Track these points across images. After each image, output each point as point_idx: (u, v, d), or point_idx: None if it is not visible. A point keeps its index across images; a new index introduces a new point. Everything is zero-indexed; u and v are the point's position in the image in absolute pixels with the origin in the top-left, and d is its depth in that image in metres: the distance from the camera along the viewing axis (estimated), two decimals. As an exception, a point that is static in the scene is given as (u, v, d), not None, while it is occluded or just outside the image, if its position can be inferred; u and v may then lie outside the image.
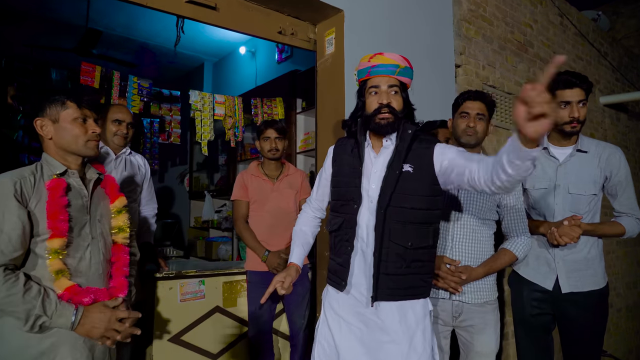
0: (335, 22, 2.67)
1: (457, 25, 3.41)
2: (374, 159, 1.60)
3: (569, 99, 1.90)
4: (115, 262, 1.59)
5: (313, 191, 1.85)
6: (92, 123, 1.54)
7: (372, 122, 1.54)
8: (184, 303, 2.43)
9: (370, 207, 1.55)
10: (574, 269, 1.98)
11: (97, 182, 1.61)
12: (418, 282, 1.55)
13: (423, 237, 1.54)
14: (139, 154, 2.50)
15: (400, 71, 1.56)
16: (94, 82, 3.03)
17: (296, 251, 1.77)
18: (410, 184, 1.52)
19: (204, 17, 2.34)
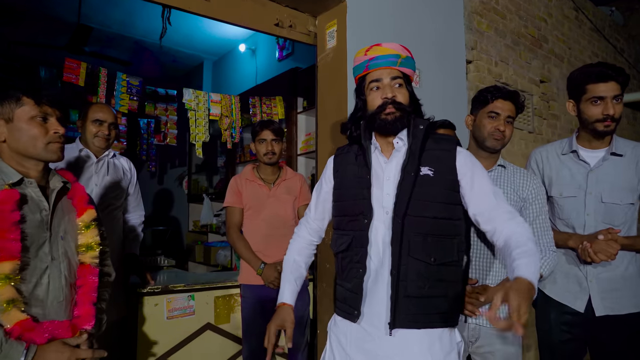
0: (337, 14, 2.45)
1: (468, 18, 3.19)
2: (385, 164, 1.39)
3: (603, 93, 1.67)
4: (81, 287, 1.35)
5: (310, 209, 1.60)
6: (54, 122, 1.32)
7: (377, 119, 1.34)
8: (172, 320, 2.22)
9: (386, 219, 1.33)
10: (609, 289, 1.74)
11: (63, 192, 1.39)
12: (444, 306, 1.32)
13: (447, 251, 1.32)
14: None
15: (402, 61, 1.36)
16: (79, 79, 2.83)
17: (288, 288, 1.51)
18: (429, 190, 1.32)
19: (193, 7, 2.13)
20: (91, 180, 2.17)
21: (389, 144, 1.39)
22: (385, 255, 1.32)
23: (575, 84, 1.79)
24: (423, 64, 2.79)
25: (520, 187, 1.71)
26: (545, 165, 1.91)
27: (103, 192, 2.19)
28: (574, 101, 1.80)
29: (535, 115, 3.75)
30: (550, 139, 3.88)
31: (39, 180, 1.32)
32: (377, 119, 1.34)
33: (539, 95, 3.81)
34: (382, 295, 1.31)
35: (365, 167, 1.39)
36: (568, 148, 1.85)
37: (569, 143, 1.86)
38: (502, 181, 1.73)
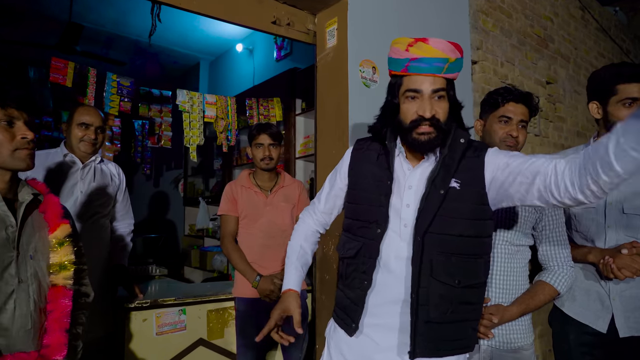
0: (337, 11, 2.33)
1: (474, 17, 3.07)
2: (409, 172, 1.25)
3: (636, 94, 1.54)
4: (52, 312, 1.20)
5: (320, 199, 1.46)
6: (22, 126, 1.18)
7: (409, 137, 1.18)
8: (162, 336, 2.09)
9: (404, 232, 1.21)
10: (633, 308, 1.61)
11: (34, 206, 1.25)
12: (467, 331, 1.21)
13: (473, 273, 1.20)
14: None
15: (449, 67, 1.15)
16: (66, 79, 2.69)
17: (294, 275, 1.39)
18: (456, 205, 1.18)
19: (184, 3, 2.01)
20: (76, 187, 2.05)
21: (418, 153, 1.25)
22: (399, 273, 1.20)
23: (602, 84, 1.65)
24: (427, 65, 2.68)
25: None
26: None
27: (89, 200, 2.06)
28: (598, 102, 1.67)
29: (542, 118, 3.62)
30: (557, 143, 3.76)
31: (5, 193, 1.18)
32: (409, 136, 1.18)
33: (545, 96, 3.69)
34: (395, 318, 1.21)
35: (387, 171, 1.25)
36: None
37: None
38: None
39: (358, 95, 2.26)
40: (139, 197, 6.62)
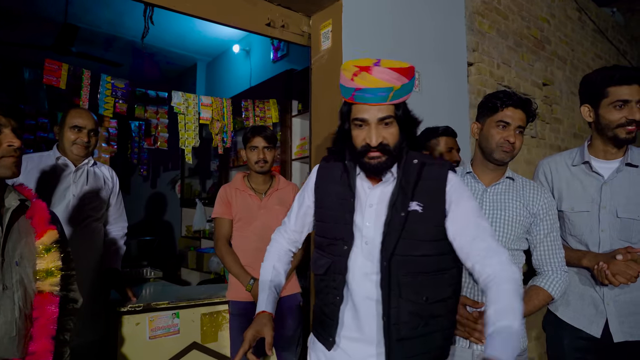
0: (332, 13, 2.32)
1: (470, 19, 3.06)
2: (369, 190, 1.29)
3: (627, 97, 1.54)
4: (37, 319, 1.18)
5: (290, 218, 1.48)
6: (9, 133, 1.15)
7: (360, 161, 1.24)
8: (155, 340, 2.08)
9: (365, 249, 1.25)
10: (628, 313, 1.60)
11: (21, 211, 1.23)
12: (440, 341, 1.25)
13: (440, 288, 1.24)
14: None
15: (394, 94, 1.17)
16: (60, 81, 2.68)
17: (268, 297, 1.39)
18: (419, 227, 1.22)
19: (177, 5, 2.00)
20: (69, 191, 2.03)
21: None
22: (368, 290, 1.24)
23: (594, 87, 1.65)
24: (423, 66, 2.66)
25: (530, 201, 1.58)
26: (554, 177, 1.77)
27: (81, 203, 2.05)
28: (590, 106, 1.67)
29: (538, 120, 3.62)
30: (553, 144, 3.76)
31: None
32: (360, 161, 1.24)
33: (542, 98, 3.68)
34: (370, 332, 1.24)
35: (349, 189, 1.29)
36: (579, 159, 1.72)
37: (580, 154, 1.73)
38: (510, 195, 1.60)
39: (353, 98, 2.26)
40: (136, 198, 6.62)
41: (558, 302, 1.72)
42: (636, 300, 1.61)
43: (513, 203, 1.57)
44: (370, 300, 1.23)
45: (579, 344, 1.66)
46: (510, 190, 1.60)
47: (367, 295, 1.24)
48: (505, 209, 1.57)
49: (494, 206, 1.59)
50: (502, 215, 1.57)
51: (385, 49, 2.45)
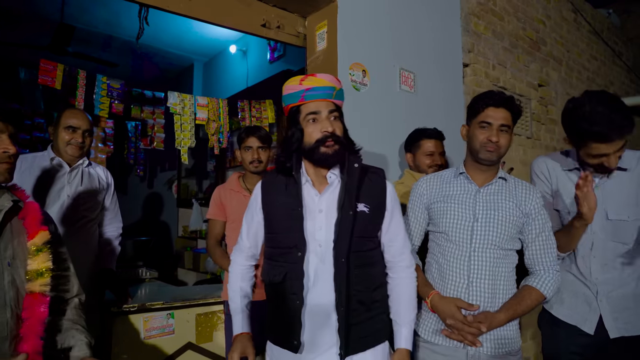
0: (327, 14, 2.33)
1: (465, 20, 3.07)
2: (317, 197, 1.41)
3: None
4: (27, 319, 1.17)
5: (243, 237, 1.57)
6: (6, 139, 1.16)
7: (317, 153, 1.35)
8: (150, 340, 2.08)
9: (319, 252, 1.38)
10: (622, 308, 1.62)
11: (14, 212, 1.23)
12: (380, 323, 1.45)
13: (378, 276, 1.47)
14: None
15: (336, 94, 1.38)
16: (55, 82, 2.68)
17: (243, 318, 1.51)
18: (366, 225, 1.41)
19: (172, 6, 2.01)
20: (63, 191, 2.03)
21: (322, 178, 1.41)
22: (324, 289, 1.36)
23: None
24: (418, 67, 2.68)
25: (522, 201, 1.59)
26: (552, 176, 1.78)
27: (76, 204, 2.05)
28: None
29: (534, 120, 3.64)
30: (549, 145, 3.77)
31: None
32: (317, 152, 1.35)
33: (537, 99, 3.70)
34: (329, 326, 1.36)
35: (297, 199, 1.39)
36: (572, 164, 1.73)
37: (572, 159, 1.73)
38: (503, 195, 1.61)
39: (348, 98, 2.24)
40: (133, 199, 6.61)
41: (552, 301, 1.73)
42: (628, 295, 1.63)
43: (506, 203, 1.58)
44: (326, 296, 1.35)
45: (575, 341, 1.67)
46: (503, 190, 1.61)
47: (323, 292, 1.36)
48: (498, 209, 1.58)
49: (487, 206, 1.60)
50: (496, 215, 1.58)
51: (380, 50, 2.46)
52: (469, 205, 1.61)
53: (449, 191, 1.67)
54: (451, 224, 1.62)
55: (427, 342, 1.64)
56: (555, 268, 1.58)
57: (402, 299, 1.47)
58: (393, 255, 1.49)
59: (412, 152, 2.25)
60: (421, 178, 1.78)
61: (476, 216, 1.59)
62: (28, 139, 4.39)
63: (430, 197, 1.69)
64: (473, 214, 1.60)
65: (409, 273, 1.50)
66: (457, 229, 1.60)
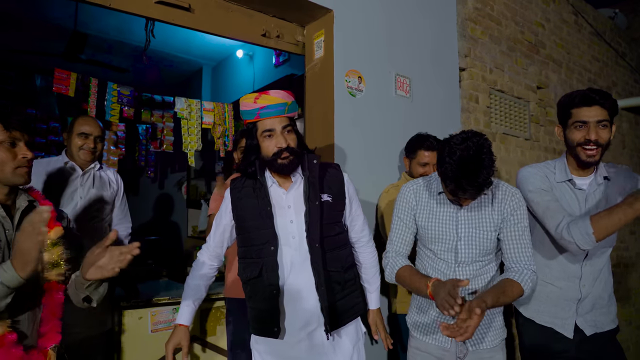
0: (324, 24, 2.44)
1: (462, 26, 3.16)
2: (284, 195, 1.58)
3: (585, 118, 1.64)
4: (46, 305, 1.35)
5: (211, 237, 1.72)
6: (23, 147, 1.33)
7: (275, 164, 1.53)
8: (156, 333, 2.21)
9: (292, 243, 1.54)
10: (586, 311, 1.77)
11: (29, 210, 1.37)
12: (356, 299, 1.67)
13: (348, 257, 1.67)
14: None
15: (289, 108, 1.53)
16: (69, 89, 2.83)
17: (187, 311, 1.65)
18: (332, 213, 1.60)
19: (177, 19, 2.13)
20: (76, 193, 2.17)
21: (286, 177, 1.58)
22: (300, 276, 1.53)
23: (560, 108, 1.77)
24: (414, 73, 2.77)
25: (501, 201, 1.64)
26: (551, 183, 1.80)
27: (88, 205, 2.19)
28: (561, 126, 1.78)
29: (532, 122, 3.70)
30: (548, 147, 3.83)
31: (5, 200, 1.33)
32: (275, 164, 1.52)
33: (536, 101, 3.76)
34: (310, 308, 1.53)
35: (266, 199, 1.55)
36: (564, 176, 1.78)
37: (563, 170, 1.79)
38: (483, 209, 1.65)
39: (344, 104, 2.37)
40: (145, 199, 6.78)
41: (532, 309, 1.84)
42: (600, 297, 1.76)
43: (488, 217, 1.64)
44: (303, 280, 1.52)
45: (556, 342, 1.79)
46: (484, 203, 1.65)
47: (301, 279, 1.53)
48: (479, 227, 1.63)
49: (470, 224, 1.64)
50: (477, 232, 1.63)
51: (376, 56, 2.56)
52: (451, 224, 1.65)
53: (433, 207, 1.70)
54: (436, 243, 1.67)
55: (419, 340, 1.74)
56: (532, 268, 1.62)
57: (369, 268, 1.78)
58: (356, 232, 1.74)
59: (409, 158, 2.33)
60: (407, 184, 1.80)
61: (459, 235, 1.63)
62: (44, 143, 4.58)
63: (417, 205, 1.73)
64: (456, 233, 1.64)
65: (370, 246, 1.79)
66: (442, 249, 1.66)
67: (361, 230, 1.75)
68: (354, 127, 2.40)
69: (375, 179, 2.47)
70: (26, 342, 1.28)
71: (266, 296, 1.53)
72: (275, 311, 1.52)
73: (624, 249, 4.49)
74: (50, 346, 1.32)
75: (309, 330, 1.55)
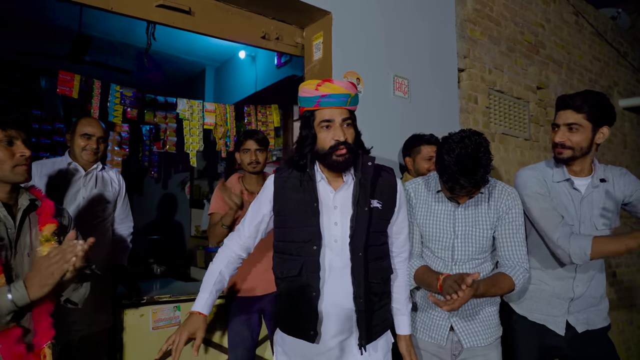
0: (322, 26, 2.47)
1: (461, 27, 3.18)
2: (332, 194, 1.48)
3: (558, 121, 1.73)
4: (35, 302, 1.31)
5: (245, 225, 1.58)
6: (21, 145, 1.35)
7: (329, 159, 1.42)
8: (157, 331, 2.25)
9: (335, 247, 1.44)
10: (579, 309, 1.81)
11: (32, 209, 1.42)
12: (388, 312, 1.59)
13: (387, 270, 1.57)
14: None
15: (351, 100, 1.42)
16: (72, 91, 2.88)
17: (206, 298, 1.49)
18: (380, 221, 1.50)
19: (178, 22, 2.17)
20: (79, 193, 2.21)
21: (336, 176, 1.48)
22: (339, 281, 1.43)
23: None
24: (412, 74, 2.80)
25: (497, 200, 1.70)
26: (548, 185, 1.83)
27: (91, 205, 2.23)
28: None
29: (532, 122, 3.72)
30: (547, 147, 3.85)
31: (7, 200, 1.35)
32: (329, 159, 1.42)
33: (536, 101, 3.78)
34: (345, 317, 1.44)
35: (313, 195, 1.45)
36: (561, 176, 1.81)
37: (561, 171, 1.82)
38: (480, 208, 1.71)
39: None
40: (149, 199, 6.84)
41: (526, 306, 1.87)
42: (592, 297, 1.79)
43: (485, 216, 1.68)
44: (341, 287, 1.43)
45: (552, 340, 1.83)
46: (480, 203, 1.70)
47: (338, 285, 1.43)
48: (476, 225, 1.68)
49: (466, 223, 1.69)
50: (474, 231, 1.68)
51: (374, 57, 2.59)
52: (449, 223, 1.70)
53: (431, 205, 1.75)
54: (434, 241, 1.72)
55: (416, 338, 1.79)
56: (525, 266, 1.66)
57: (403, 287, 1.63)
58: (398, 247, 1.62)
59: (412, 157, 2.37)
60: (406, 183, 1.87)
61: (456, 233, 1.69)
62: (49, 143, 4.64)
63: (416, 204, 1.79)
64: (453, 231, 1.69)
65: (406, 265, 1.65)
66: (440, 246, 1.71)
67: (403, 245, 1.63)
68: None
69: (374, 179, 2.50)
70: (29, 337, 1.31)
71: (305, 297, 1.43)
72: (314, 314, 1.42)
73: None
74: (45, 343, 1.33)
75: (340, 339, 1.47)
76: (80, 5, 1.90)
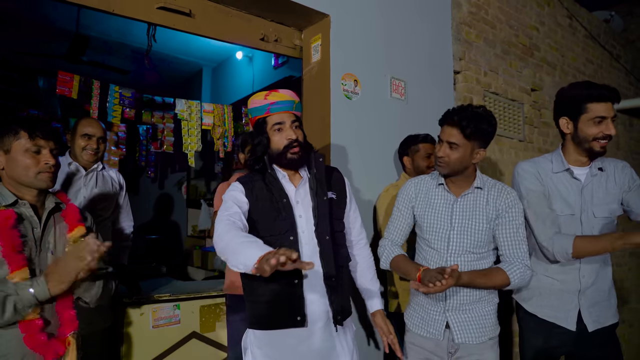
0: (321, 28, 2.50)
1: (456, 29, 3.22)
2: (294, 191, 1.62)
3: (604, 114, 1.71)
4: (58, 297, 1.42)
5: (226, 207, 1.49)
6: (47, 154, 1.45)
7: (284, 158, 1.57)
8: (157, 329, 2.27)
9: (302, 237, 1.57)
10: (594, 303, 1.82)
11: (57, 211, 1.52)
12: (348, 300, 1.69)
13: (345, 257, 1.69)
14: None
15: (296, 106, 1.61)
16: (72, 92, 2.90)
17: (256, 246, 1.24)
18: (337, 210, 1.66)
19: (178, 24, 2.19)
20: (80, 193, 2.24)
21: (295, 173, 1.63)
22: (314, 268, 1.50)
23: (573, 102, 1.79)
24: (409, 76, 2.83)
25: (496, 199, 1.73)
26: (543, 178, 1.87)
27: (91, 204, 2.25)
28: (568, 118, 1.82)
29: (526, 124, 3.77)
30: (542, 148, 3.90)
31: (34, 202, 1.46)
32: (285, 157, 1.56)
33: (530, 103, 3.83)
34: (320, 300, 1.55)
35: (280, 192, 1.57)
36: (561, 166, 1.85)
37: (560, 161, 1.86)
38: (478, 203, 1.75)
39: (340, 107, 2.44)
40: (145, 199, 6.85)
41: (534, 302, 1.89)
42: (599, 290, 1.81)
43: (482, 211, 1.73)
44: (313, 274, 1.55)
45: (555, 336, 1.85)
46: (479, 199, 1.75)
47: (310, 272, 1.53)
48: (473, 218, 1.73)
49: (464, 215, 1.74)
50: (471, 224, 1.72)
51: (371, 60, 2.63)
52: (446, 214, 1.76)
53: (431, 199, 1.83)
54: (430, 231, 1.78)
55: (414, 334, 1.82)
56: (525, 262, 1.69)
57: (368, 269, 1.80)
58: (356, 234, 1.79)
59: (410, 156, 2.43)
60: (411, 179, 1.95)
61: (453, 224, 1.74)
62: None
63: (417, 199, 1.87)
64: (450, 222, 1.75)
65: (368, 248, 1.83)
66: (436, 237, 1.76)
67: (360, 233, 1.80)
68: (350, 129, 2.47)
69: (371, 180, 2.54)
70: (49, 328, 1.39)
71: (288, 285, 1.49)
72: (298, 300, 1.50)
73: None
74: (70, 333, 1.43)
75: (320, 324, 1.54)
76: (82, 7, 1.91)
